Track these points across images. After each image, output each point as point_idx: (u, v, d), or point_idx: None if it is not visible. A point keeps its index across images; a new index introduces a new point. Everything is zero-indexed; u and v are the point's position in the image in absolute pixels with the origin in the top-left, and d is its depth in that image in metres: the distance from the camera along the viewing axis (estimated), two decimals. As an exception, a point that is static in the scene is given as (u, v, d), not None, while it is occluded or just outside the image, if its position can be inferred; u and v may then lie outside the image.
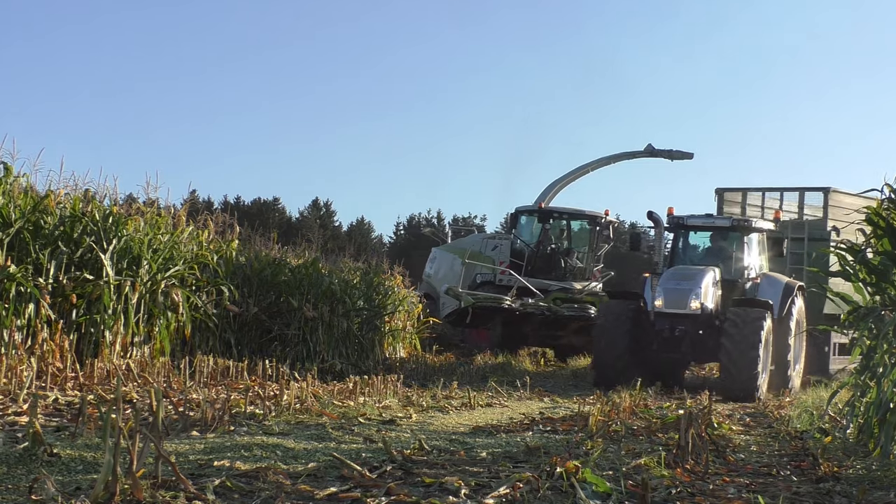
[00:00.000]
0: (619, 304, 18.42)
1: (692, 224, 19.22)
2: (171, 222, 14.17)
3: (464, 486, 5.59)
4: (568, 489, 5.45)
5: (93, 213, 12.04)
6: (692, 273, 17.91)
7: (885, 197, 9.28)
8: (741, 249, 18.87)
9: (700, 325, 17.55)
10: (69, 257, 11.52)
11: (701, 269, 17.98)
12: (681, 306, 17.44)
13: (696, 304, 17.46)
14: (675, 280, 17.78)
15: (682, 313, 17.42)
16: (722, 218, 20.19)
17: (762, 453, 8.71)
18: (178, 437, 7.19)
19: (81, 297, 11.53)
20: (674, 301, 17.49)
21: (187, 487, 4.96)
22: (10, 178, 11.16)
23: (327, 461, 6.29)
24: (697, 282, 17.57)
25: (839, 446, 8.76)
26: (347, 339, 17.41)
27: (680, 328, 17.42)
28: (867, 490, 6.05)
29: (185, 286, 13.15)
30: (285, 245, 20.89)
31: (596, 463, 6.49)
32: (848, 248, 9.49)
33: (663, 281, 17.92)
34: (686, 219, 19.05)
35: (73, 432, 6.60)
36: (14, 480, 5.15)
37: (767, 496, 5.67)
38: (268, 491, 5.25)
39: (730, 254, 18.92)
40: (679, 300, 17.46)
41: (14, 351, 10.07)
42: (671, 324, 17.50)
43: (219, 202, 61.39)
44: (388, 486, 5.54)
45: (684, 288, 17.54)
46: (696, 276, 17.72)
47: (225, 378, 12.60)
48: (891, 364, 8.17)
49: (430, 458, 6.91)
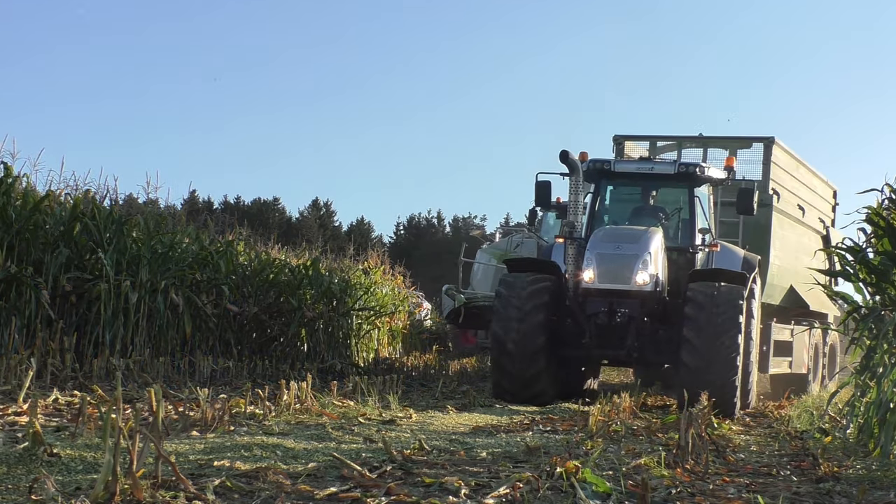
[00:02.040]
0: (528, 279, 13.11)
1: (621, 171, 14.19)
2: (171, 222, 14.19)
3: (464, 486, 5.59)
4: (568, 489, 5.45)
5: (93, 213, 12.04)
6: (635, 234, 13.04)
7: (886, 197, 9.29)
8: (690, 207, 13.97)
9: (650, 308, 12.95)
10: (69, 257, 11.52)
11: (644, 229, 13.18)
12: (623, 280, 12.67)
13: (645, 277, 12.65)
14: (613, 242, 12.87)
15: (625, 290, 12.67)
16: (663, 163, 14.75)
17: (762, 453, 8.71)
18: (178, 437, 7.19)
19: (81, 297, 11.54)
20: (613, 272, 12.70)
21: (187, 487, 4.96)
22: (10, 178, 11.16)
23: (327, 461, 6.29)
24: (644, 244, 12.75)
25: (839, 446, 8.76)
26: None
27: (623, 311, 12.79)
28: (867, 490, 6.05)
29: (185, 286, 13.15)
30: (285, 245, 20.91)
31: (596, 463, 6.48)
32: (848, 248, 9.49)
33: (595, 244, 12.88)
34: (613, 164, 14.14)
35: (73, 432, 6.60)
36: (14, 480, 5.15)
37: (767, 496, 5.67)
38: (268, 491, 5.25)
39: (674, 213, 14.15)
40: (620, 271, 12.68)
41: (14, 351, 10.06)
42: (610, 306, 12.78)
43: (219, 202, 61.47)
44: (388, 486, 5.53)
45: (627, 254, 12.71)
46: (640, 237, 12.91)
47: (225, 378, 12.61)
48: (891, 364, 8.18)
49: (430, 458, 6.91)
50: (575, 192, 13.41)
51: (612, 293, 12.77)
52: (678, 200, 14.29)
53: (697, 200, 13.98)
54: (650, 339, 13.06)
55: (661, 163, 14.85)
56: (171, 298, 12.54)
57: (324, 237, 48.49)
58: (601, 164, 13.99)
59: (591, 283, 12.76)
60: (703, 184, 14.13)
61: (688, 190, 13.99)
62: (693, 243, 13.93)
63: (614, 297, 12.78)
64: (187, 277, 13.39)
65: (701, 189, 14.13)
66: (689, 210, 14.06)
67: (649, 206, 14.41)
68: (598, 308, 12.86)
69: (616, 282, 12.73)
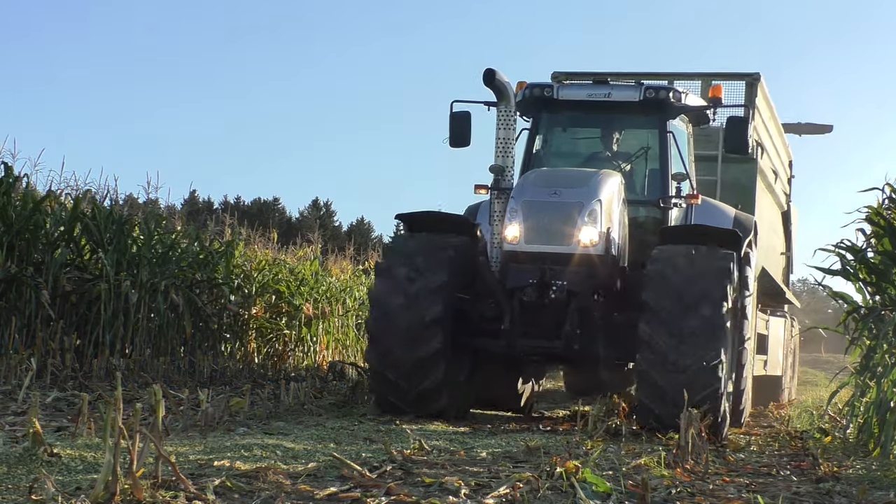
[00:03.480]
0: (424, 242, 9.63)
1: (568, 99, 10.60)
2: (171, 222, 14.18)
3: (464, 486, 5.59)
4: (568, 489, 5.45)
5: (93, 213, 12.04)
6: (581, 176, 9.66)
7: (886, 196, 9.29)
8: (661, 146, 10.48)
9: (600, 280, 9.33)
10: (69, 257, 11.52)
11: (594, 171, 9.82)
12: (561, 238, 9.19)
13: (593, 235, 9.15)
14: (548, 187, 9.41)
15: (562, 253, 9.15)
16: (625, 87, 10.74)
17: (762, 453, 8.71)
18: (178, 437, 7.19)
19: (81, 297, 11.54)
20: (546, 228, 9.23)
21: (187, 487, 4.96)
22: (10, 178, 11.15)
23: (327, 461, 6.28)
24: (592, 190, 9.28)
25: (839, 446, 8.77)
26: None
27: (559, 285, 9.05)
28: (867, 490, 6.05)
29: (185, 286, 13.15)
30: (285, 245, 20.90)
31: (596, 463, 6.48)
32: (848, 247, 9.49)
33: (522, 190, 9.52)
34: (556, 90, 10.58)
35: (73, 432, 6.60)
36: (14, 480, 5.15)
37: (767, 496, 5.67)
38: (268, 491, 5.25)
39: (638, 155, 10.79)
40: (557, 226, 9.22)
41: (14, 351, 10.07)
42: (541, 276, 9.03)
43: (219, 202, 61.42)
44: (388, 486, 5.53)
45: (567, 202, 9.24)
46: (588, 180, 9.44)
47: (224, 378, 12.61)
48: (891, 364, 8.18)
49: (430, 458, 6.90)
50: (505, 125, 10.31)
51: (545, 258, 9.11)
52: (646, 140, 10.81)
53: (671, 138, 10.45)
54: (601, 325, 9.38)
55: (621, 86, 10.74)
56: (171, 298, 12.54)
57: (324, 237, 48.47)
58: (541, 89, 10.56)
59: (514, 245, 9.24)
60: (679, 115, 10.69)
61: (658, 123, 10.51)
62: (665, 195, 10.38)
63: (548, 263, 9.07)
64: (187, 277, 13.39)
65: (676, 123, 10.65)
66: (659, 150, 10.51)
67: (610, 150, 10.95)
68: (524, 280, 9.11)
69: (551, 242, 9.18)
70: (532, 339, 9.39)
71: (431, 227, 9.96)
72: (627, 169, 10.74)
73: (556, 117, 10.99)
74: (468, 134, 10.77)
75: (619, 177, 9.92)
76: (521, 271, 9.28)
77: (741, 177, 12.82)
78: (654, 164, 10.71)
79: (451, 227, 10.02)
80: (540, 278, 9.12)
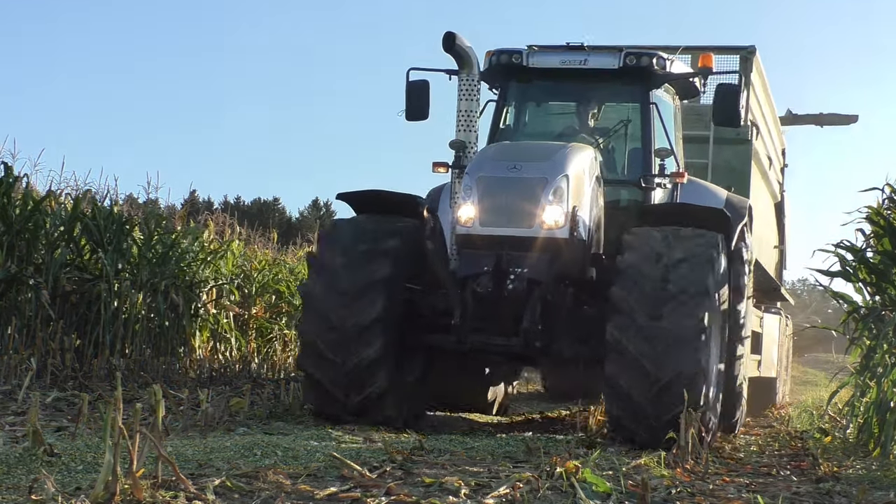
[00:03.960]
0: (365, 226, 8.62)
1: (539, 67, 9.58)
2: (171, 222, 14.17)
3: (464, 486, 5.59)
4: (568, 489, 5.45)
5: (93, 213, 12.04)
6: (546, 149, 8.61)
7: (886, 196, 9.29)
8: (643, 118, 9.45)
9: (567, 267, 8.23)
10: (69, 257, 11.52)
11: (562, 144, 8.78)
12: (521, 220, 8.14)
13: (558, 216, 8.08)
14: (508, 161, 8.39)
15: (523, 236, 8.09)
16: (603, 52, 9.61)
17: (762, 453, 8.71)
18: (178, 437, 7.19)
19: (81, 297, 11.54)
20: (504, 208, 8.18)
21: (187, 487, 4.97)
22: (10, 178, 11.15)
23: (327, 461, 6.28)
24: (558, 164, 8.22)
25: (839, 446, 8.77)
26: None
27: (519, 273, 8.02)
28: (867, 490, 6.05)
29: (185, 286, 13.14)
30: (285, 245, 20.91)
31: (596, 463, 6.48)
32: (848, 247, 9.50)
33: (479, 164, 8.49)
34: (526, 56, 9.57)
35: (73, 432, 6.60)
36: (14, 480, 5.15)
37: (767, 496, 5.68)
38: (268, 491, 5.25)
39: (618, 129, 9.72)
40: (516, 205, 8.17)
41: (14, 351, 10.07)
42: (497, 263, 8.05)
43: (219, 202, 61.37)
44: (388, 486, 5.54)
45: (528, 177, 8.20)
46: (553, 154, 8.40)
47: (224, 378, 12.60)
48: (891, 364, 8.19)
49: (429, 458, 6.91)
50: (467, 96, 9.30)
51: (503, 242, 8.05)
52: (627, 113, 9.74)
53: (654, 110, 9.37)
54: (567, 320, 8.30)
55: (599, 53, 9.60)
56: (171, 298, 12.54)
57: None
58: (508, 56, 9.54)
59: (468, 227, 8.15)
60: (663, 84, 9.61)
61: (640, 94, 9.47)
62: (647, 172, 9.28)
63: (505, 248, 8.03)
64: (188, 277, 13.38)
65: (660, 94, 9.60)
66: (641, 123, 9.44)
67: (587, 125, 9.77)
68: (479, 267, 8.05)
69: (509, 223, 8.11)
70: (486, 336, 8.27)
71: (379, 208, 8.84)
72: (609, 146, 9.64)
73: (526, 88, 9.90)
74: (426, 105, 9.68)
75: (591, 151, 8.75)
76: (474, 258, 8.18)
77: (734, 160, 11.84)
78: (635, 139, 9.56)
79: (399, 208, 8.82)
80: (496, 265, 8.05)
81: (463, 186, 8.43)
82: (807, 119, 19.95)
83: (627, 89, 9.60)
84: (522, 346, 8.22)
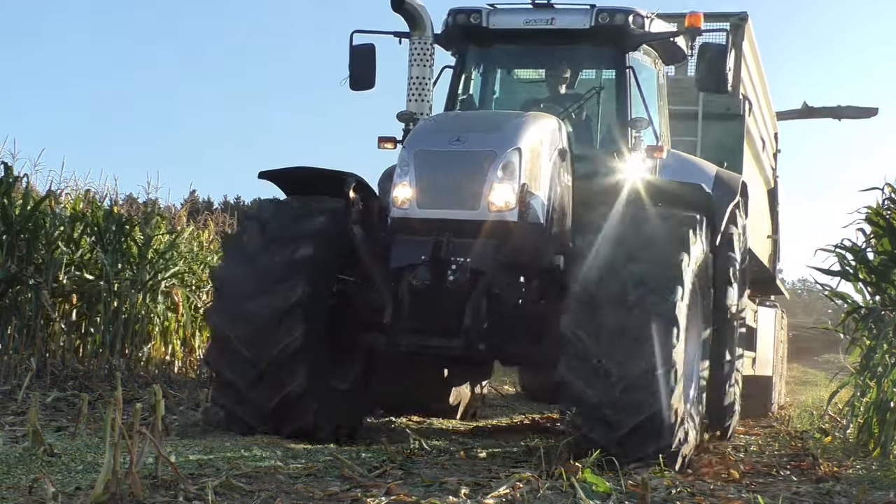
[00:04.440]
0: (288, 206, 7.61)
1: (502, 27, 8.59)
2: (171, 222, 14.17)
3: (464, 486, 5.60)
4: (568, 489, 5.45)
5: (93, 213, 12.05)
6: (496, 119, 7.72)
7: (886, 196, 9.29)
8: (618, 84, 8.44)
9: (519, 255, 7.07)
10: (69, 257, 11.53)
11: (516, 113, 7.83)
12: (464, 201, 7.04)
13: (507, 195, 6.98)
14: (450, 132, 7.27)
15: (467, 220, 6.99)
16: (572, 10, 8.53)
17: (762, 453, 8.71)
18: (178, 437, 7.19)
19: (81, 297, 11.54)
20: (444, 186, 7.12)
21: (187, 487, 4.97)
22: (10, 178, 11.16)
23: (327, 461, 6.29)
24: (510, 135, 7.15)
25: (839, 446, 8.76)
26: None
27: (461, 262, 6.89)
28: (867, 490, 6.05)
29: (185, 286, 13.14)
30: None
31: (596, 463, 6.49)
32: (848, 247, 9.50)
33: (418, 136, 7.43)
34: (485, 16, 8.56)
35: (73, 432, 6.61)
36: (14, 480, 5.16)
37: (767, 496, 5.68)
38: (268, 491, 5.25)
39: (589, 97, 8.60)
40: (459, 183, 7.08)
41: (14, 351, 10.07)
42: (435, 251, 6.92)
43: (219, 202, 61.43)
44: (388, 486, 5.54)
45: (473, 150, 7.12)
46: (505, 123, 7.36)
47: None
48: (891, 364, 8.19)
49: (429, 458, 6.91)
50: (419, 61, 8.52)
51: (443, 226, 6.96)
52: (601, 79, 8.78)
53: (630, 75, 8.35)
54: (520, 317, 7.25)
55: (568, 10, 8.54)
56: (172, 298, 12.54)
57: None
58: (466, 16, 8.55)
59: (404, 209, 7.11)
60: (640, 44, 8.51)
61: (614, 56, 8.46)
62: (621, 145, 8.24)
63: (446, 233, 6.93)
64: (187, 277, 13.38)
65: (639, 57, 8.55)
66: (616, 90, 8.41)
67: (556, 93, 8.73)
68: (415, 256, 6.97)
69: (450, 205, 7.04)
70: (423, 337, 7.19)
71: (308, 188, 7.73)
72: (582, 116, 8.57)
73: (487, 52, 8.82)
74: (373, 71, 8.69)
75: (553, 121, 7.61)
76: (410, 245, 7.03)
77: (726, 137, 10.84)
78: (609, 108, 8.51)
79: (331, 187, 7.48)
80: (434, 254, 6.90)
81: (399, 162, 7.33)
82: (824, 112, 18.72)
83: (600, 52, 8.59)
84: (464, 348, 7.09)
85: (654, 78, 8.94)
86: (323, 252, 7.26)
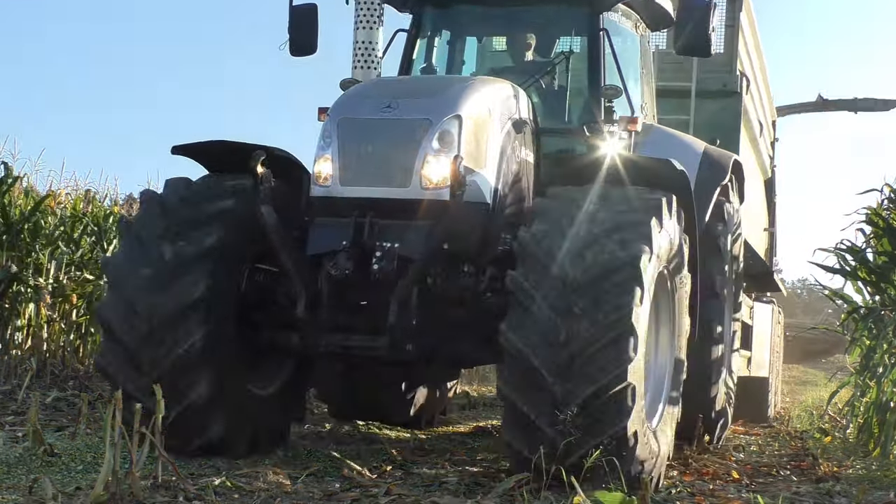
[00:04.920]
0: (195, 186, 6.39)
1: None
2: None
3: (464, 486, 5.59)
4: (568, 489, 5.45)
5: (94, 213, 12.04)
6: (434, 84, 6.91)
7: (885, 197, 9.30)
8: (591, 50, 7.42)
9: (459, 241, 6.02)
10: (69, 257, 11.53)
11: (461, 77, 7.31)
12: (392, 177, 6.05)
13: (442, 170, 5.91)
14: (379, 98, 6.26)
15: (396, 199, 6.01)
16: None
17: (762, 453, 8.71)
18: (178, 437, 7.18)
19: (82, 297, 11.54)
20: (372, 161, 6.11)
21: (187, 487, 4.97)
22: (10, 178, 11.16)
23: (327, 461, 6.29)
24: (449, 100, 6.16)
25: (839, 446, 8.76)
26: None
27: (387, 249, 5.90)
28: (867, 490, 6.05)
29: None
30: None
31: (596, 463, 6.48)
32: (848, 248, 9.50)
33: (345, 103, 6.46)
34: None
35: (73, 432, 6.61)
36: (14, 480, 5.16)
37: (767, 496, 5.68)
38: (268, 491, 5.25)
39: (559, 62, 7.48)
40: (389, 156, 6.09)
41: (14, 351, 10.07)
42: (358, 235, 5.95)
43: (219, 202, 61.41)
44: (388, 486, 5.54)
45: (406, 119, 6.10)
46: (445, 88, 6.46)
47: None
48: (891, 364, 8.19)
49: (429, 458, 6.91)
50: (366, 23, 7.94)
51: (368, 206, 6.03)
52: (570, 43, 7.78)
53: (604, 38, 7.32)
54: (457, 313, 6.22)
55: None
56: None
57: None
58: None
59: (326, 186, 6.16)
60: (615, 4, 7.47)
61: (586, 18, 7.46)
62: (591, 118, 7.21)
63: (371, 214, 6.00)
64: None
65: (616, 19, 7.62)
66: (588, 56, 7.42)
67: (521, 60, 7.78)
68: (334, 241, 6.03)
69: (377, 181, 6.09)
70: (341, 335, 6.14)
71: (226, 164, 6.51)
72: (552, 85, 7.54)
73: (445, 13, 7.84)
74: (314, 33, 7.72)
75: (507, 87, 6.67)
76: (330, 228, 6.08)
77: (721, 116, 9.86)
78: (580, 76, 7.46)
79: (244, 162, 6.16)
80: (356, 239, 5.95)
81: (321, 133, 6.28)
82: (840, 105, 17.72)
83: (571, 12, 7.57)
84: (389, 349, 5.99)
85: (637, 43, 7.95)
86: (232, 237, 6.12)
